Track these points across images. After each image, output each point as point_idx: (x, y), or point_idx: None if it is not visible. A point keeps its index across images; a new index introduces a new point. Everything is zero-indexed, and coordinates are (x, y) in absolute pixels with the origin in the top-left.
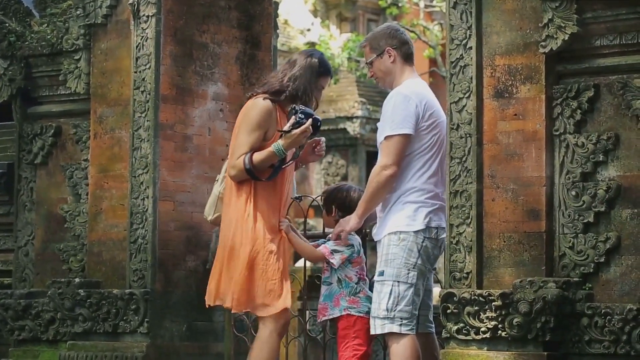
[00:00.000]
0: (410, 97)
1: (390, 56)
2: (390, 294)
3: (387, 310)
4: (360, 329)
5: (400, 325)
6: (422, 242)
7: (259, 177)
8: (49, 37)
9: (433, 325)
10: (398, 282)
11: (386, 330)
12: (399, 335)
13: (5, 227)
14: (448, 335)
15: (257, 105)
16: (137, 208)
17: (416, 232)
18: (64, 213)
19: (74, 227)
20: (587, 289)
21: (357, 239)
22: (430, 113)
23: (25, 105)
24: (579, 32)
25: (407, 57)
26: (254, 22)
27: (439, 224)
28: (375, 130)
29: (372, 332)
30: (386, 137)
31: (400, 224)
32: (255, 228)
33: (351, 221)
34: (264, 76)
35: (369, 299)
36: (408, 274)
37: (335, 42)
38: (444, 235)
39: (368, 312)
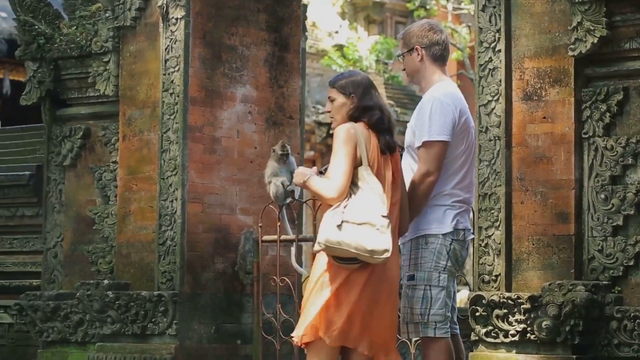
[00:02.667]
0: (448, 103)
1: (418, 54)
2: (423, 298)
3: (421, 315)
4: None
5: (435, 329)
6: (450, 244)
7: None
8: (78, 39)
9: (458, 327)
10: (430, 285)
11: (420, 335)
12: (434, 339)
13: (34, 228)
14: (477, 338)
15: None
16: (165, 210)
17: (444, 234)
18: (93, 215)
19: (102, 229)
20: (616, 292)
21: None
22: (463, 119)
23: (54, 108)
24: (608, 35)
25: (437, 58)
26: (283, 24)
27: (466, 226)
28: (402, 132)
29: (405, 337)
30: (424, 143)
31: (429, 227)
32: None
33: None
34: (292, 79)
35: None
36: (439, 277)
37: (363, 44)
38: (471, 237)
39: None
